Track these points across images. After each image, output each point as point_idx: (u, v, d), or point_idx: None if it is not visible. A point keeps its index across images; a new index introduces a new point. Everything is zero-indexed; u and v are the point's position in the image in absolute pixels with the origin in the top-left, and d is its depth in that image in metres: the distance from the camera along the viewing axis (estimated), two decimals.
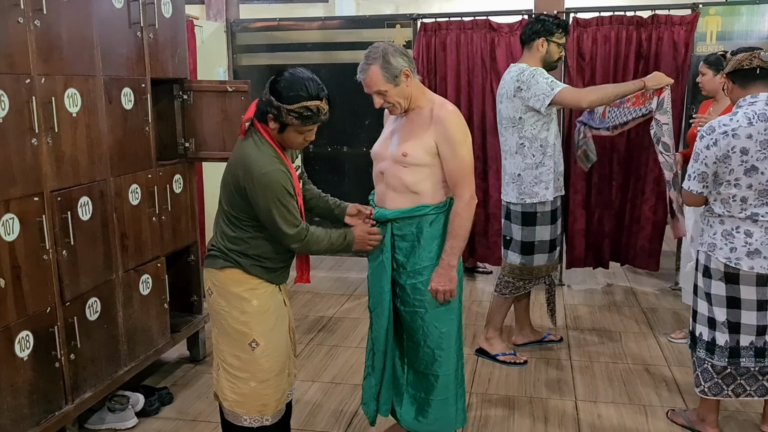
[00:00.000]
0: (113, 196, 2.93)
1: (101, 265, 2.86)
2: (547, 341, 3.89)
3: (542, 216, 3.48)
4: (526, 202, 3.47)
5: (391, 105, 2.50)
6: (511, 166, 3.51)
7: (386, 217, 2.56)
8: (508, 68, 3.54)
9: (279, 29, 5.32)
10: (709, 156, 2.59)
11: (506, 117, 3.47)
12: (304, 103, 2.14)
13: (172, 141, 3.44)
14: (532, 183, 3.45)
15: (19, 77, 2.40)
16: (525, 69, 3.39)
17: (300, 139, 2.25)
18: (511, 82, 3.40)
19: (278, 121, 2.19)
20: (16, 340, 2.43)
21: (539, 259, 3.54)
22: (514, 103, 3.40)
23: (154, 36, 3.17)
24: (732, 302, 2.66)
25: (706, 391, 2.78)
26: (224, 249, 2.31)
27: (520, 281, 3.60)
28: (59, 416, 2.64)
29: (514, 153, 3.47)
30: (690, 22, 4.43)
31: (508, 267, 3.60)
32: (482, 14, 4.79)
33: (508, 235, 3.59)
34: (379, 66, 2.42)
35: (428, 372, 2.61)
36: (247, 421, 2.37)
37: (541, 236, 3.50)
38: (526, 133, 3.42)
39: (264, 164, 2.19)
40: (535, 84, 3.32)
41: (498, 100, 3.56)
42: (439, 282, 2.51)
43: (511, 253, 3.58)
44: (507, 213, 3.59)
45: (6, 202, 2.37)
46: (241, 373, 2.34)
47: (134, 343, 3.11)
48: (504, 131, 3.53)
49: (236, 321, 2.32)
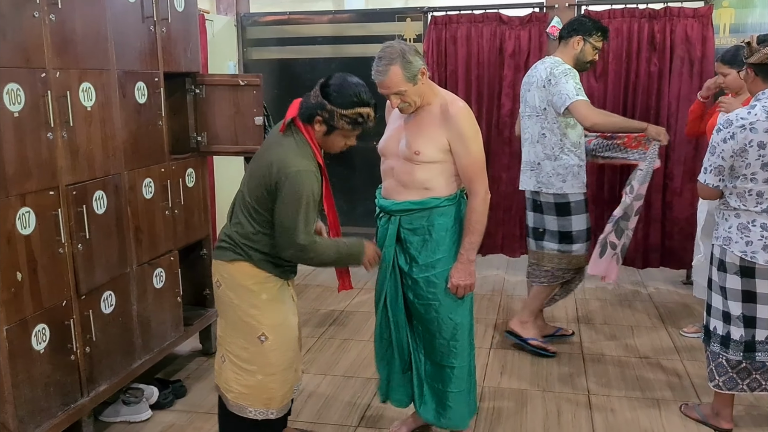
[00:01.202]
0: (127, 190, 2.94)
1: (116, 258, 2.88)
2: (559, 335, 3.89)
3: (576, 205, 3.48)
4: (543, 191, 3.48)
5: (407, 104, 2.48)
6: (529, 154, 3.53)
7: (396, 208, 2.56)
8: (542, 59, 3.58)
9: (289, 23, 5.32)
10: (725, 149, 2.57)
11: (531, 105, 3.49)
12: (359, 110, 2.19)
13: (184, 135, 3.45)
14: (550, 174, 3.45)
15: (35, 71, 2.41)
16: (560, 64, 3.40)
17: (343, 143, 2.29)
18: (544, 72, 3.41)
19: (328, 125, 2.21)
20: (33, 333, 2.44)
21: (578, 248, 3.54)
22: (541, 93, 3.41)
23: (167, 30, 3.17)
24: (747, 296, 2.65)
25: (721, 385, 2.77)
26: (236, 241, 2.31)
27: (559, 270, 3.58)
28: (75, 409, 2.66)
29: (535, 142, 3.49)
30: (704, 15, 4.39)
31: (547, 256, 3.58)
32: (493, 7, 4.78)
33: (540, 227, 3.58)
34: (400, 66, 2.40)
35: (445, 364, 2.63)
36: (253, 413, 2.38)
37: (578, 226, 3.51)
38: (548, 125, 3.43)
39: (301, 163, 2.21)
40: (564, 83, 3.31)
41: (525, 87, 3.56)
42: (460, 277, 2.52)
43: (547, 243, 3.56)
44: (535, 205, 3.58)
45: (22, 196, 2.38)
46: (248, 365, 2.35)
47: (148, 336, 3.13)
48: (527, 119, 3.54)
49: (246, 314, 2.33)
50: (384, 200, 2.63)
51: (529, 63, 4.66)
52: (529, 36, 4.67)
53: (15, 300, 2.36)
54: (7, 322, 2.32)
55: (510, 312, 4.36)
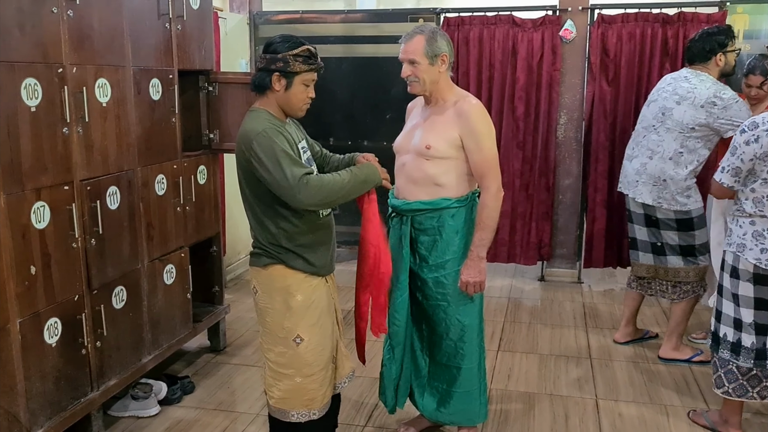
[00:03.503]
0: (140, 186, 2.95)
1: (127, 254, 2.89)
2: (648, 338, 3.91)
3: (698, 220, 3.45)
4: (663, 207, 3.43)
5: (416, 81, 2.49)
6: (656, 168, 3.43)
7: (407, 208, 2.57)
8: (693, 73, 3.42)
9: (301, 22, 5.32)
10: (747, 152, 2.56)
11: (676, 120, 3.36)
12: (304, 47, 2.24)
13: (196, 132, 3.46)
14: (674, 192, 3.39)
15: (52, 66, 2.43)
16: (723, 87, 3.33)
17: (304, 95, 2.27)
18: (706, 92, 3.29)
19: (285, 74, 2.22)
20: (45, 327, 2.46)
21: (704, 260, 3.51)
22: (697, 112, 3.30)
23: (182, 27, 3.19)
24: (760, 303, 2.64)
25: (731, 392, 2.76)
26: (265, 245, 2.30)
27: (687, 284, 3.54)
28: (85, 403, 2.67)
29: (667, 158, 3.39)
30: (718, 20, 4.38)
31: (671, 271, 3.53)
32: (506, 9, 4.77)
33: (658, 241, 3.53)
34: (426, 38, 2.46)
35: (451, 364, 2.64)
36: (295, 417, 2.37)
37: (701, 239, 3.48)
38: (691, 144, 3.35)
39: (258, 126, 2.18)
40: (737, 111, 3.25)
41: (664, 97, 3.44)
42: (469, 274, 2.52)
43: (670, 257, 3.52)
44: (649, 220, 3.52)
45: (37, 191, 2.39)
46: (286, 369, 2.34)
47: (158, 331, 3.14)
48: (665, 132, 3.41)
49: (282, 316, 2.31)
50: (395, 200, 2.63)
51: (542, 65, 4.67)
52: (542, 39, 4.66)
53: (28, 293, 2.37)
54: (20, 315, 2.34)
55: (518, 315, 4.36)
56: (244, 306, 4.45)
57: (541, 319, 4.29)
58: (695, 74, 3.41)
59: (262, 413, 3.08)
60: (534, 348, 3.84)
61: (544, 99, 4.73)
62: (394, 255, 2.63)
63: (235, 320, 4.19)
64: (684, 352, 3.64)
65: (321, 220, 2.35)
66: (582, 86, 4.78)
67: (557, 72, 4.71)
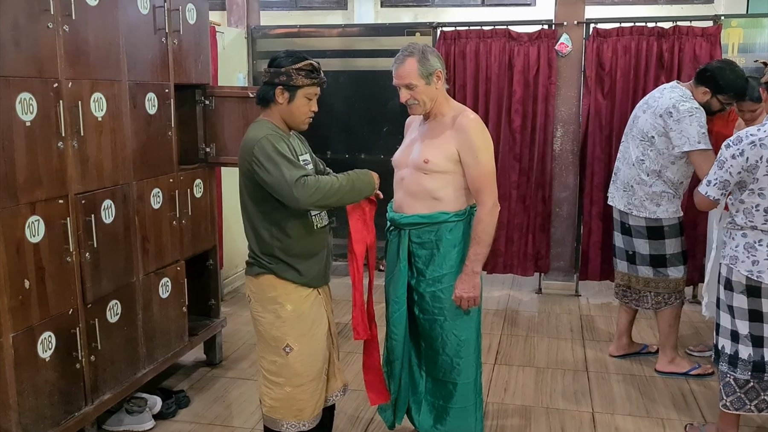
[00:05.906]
0: (135, 200, 2.96)
1: (122, 267, 2.89)
2: (645, 353, 3.87)
3: (670, 229, 3.42)
4: (633, 213, 3.44)
5: (416, 103, 2.51)
6: (626, 175, 3.49)
7: (405, 221, 2.57)
8: (672, 85, 3.40)
9: (299, 36, 5.35)
10: (734, 165, 2.57)
11: (639, 128, 3.40)
12: (307, 61, 2.30)
13: (193, 146, 3.47)
14: (642, 198, 3.40)
15: (48, 81, 2.44)
16: (688, 99, 3.26)
17: (306, 108, 2.33)
18: (668, 101, 3.27)
19: (288, 88, 2.28)
20: (39, 341, 2.45)
21: (674, 272, 3.48)
22: (656, 121, 3.30)
23: (179, 42, 3.20)
24: (754, 315, 2.64)
25: (728, 405, 2.75)
26: (259, 255, 2.35)
27: (657, 295, 3.52)
28: (79, 417, 2.66)
29: (632, 165, 3.44)
30: (712, 34, 4.41)
31: (642, 280, 3.53)
32: (502, 24, 4.80)
33: (630, 250, 3.54)
34: (417, 59, 2.46)
35: (447, 380, 2.62)
36: (285, 427, 2.38)
37: (672, 249, 3.45)
38: (651, 153, 3.35)
39: (259, 133, 2.25)
40: (689, 124, 3.19)
41: (641, 108, 3.47)
42: (463, 289, 2.51)
43: (640, 267, 3.51)
44: (624, 227, 3.52)
45: (32, 204, 2.40)
46: (276, 378, 2.37)
47: (153, 345, 3.13)
48: (630, 140, 3.47)
49: (271, 326, 2.35)
50: (394, 213, 2.64)
51: (538, 79, 4.70)
52: (538, 53, 4.69)
53: (22, 307, 2.37)
54: (13, 330, 2.34)
55: (515, 328, 4.35)
56: (241, 319, 4.44)
57: (538, 332, 4.28)
58: (675, 87, 3.39)
59: (257, 427, 3.07)
60: (531, 361, 3.83)
61: (540, 112, 4.75)
62: (391, 269, 2.65)
63: (231, 334, 4.18)
64: (681, 365, 3.62)
65: (315, 232, 2.37)
66: (578, 99, 4.80)
67: (553, 85, 4.73)
